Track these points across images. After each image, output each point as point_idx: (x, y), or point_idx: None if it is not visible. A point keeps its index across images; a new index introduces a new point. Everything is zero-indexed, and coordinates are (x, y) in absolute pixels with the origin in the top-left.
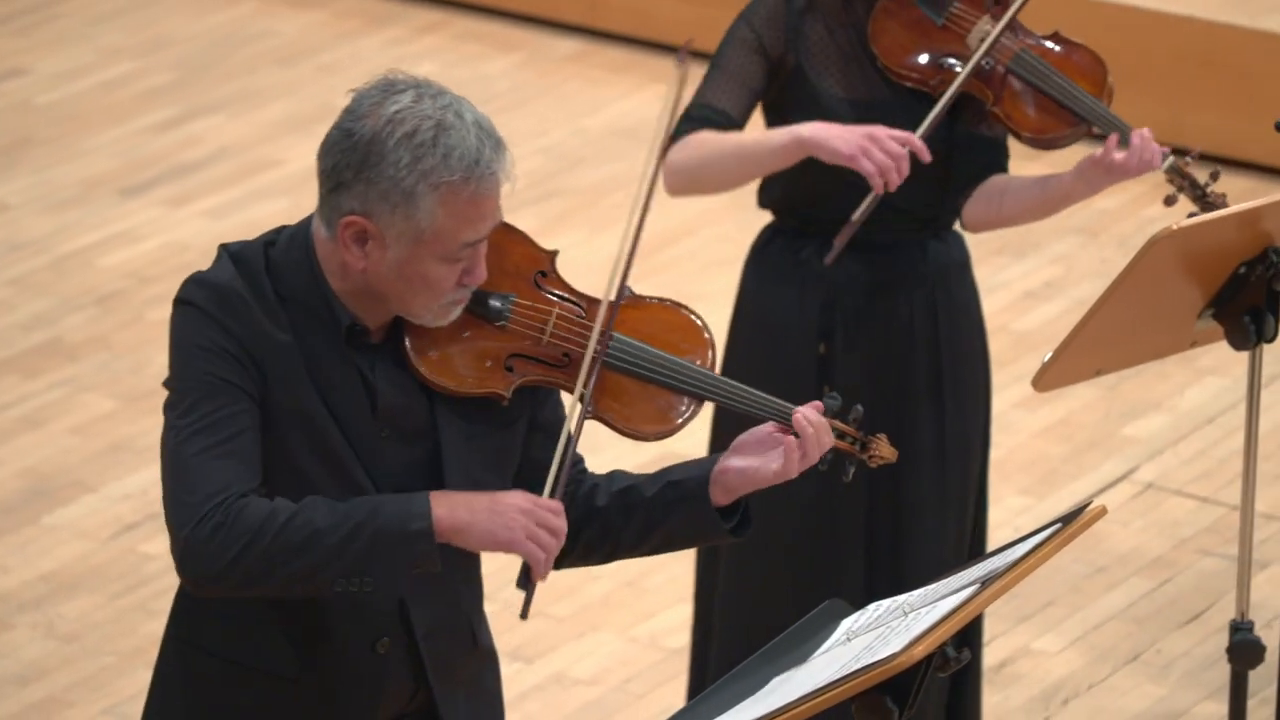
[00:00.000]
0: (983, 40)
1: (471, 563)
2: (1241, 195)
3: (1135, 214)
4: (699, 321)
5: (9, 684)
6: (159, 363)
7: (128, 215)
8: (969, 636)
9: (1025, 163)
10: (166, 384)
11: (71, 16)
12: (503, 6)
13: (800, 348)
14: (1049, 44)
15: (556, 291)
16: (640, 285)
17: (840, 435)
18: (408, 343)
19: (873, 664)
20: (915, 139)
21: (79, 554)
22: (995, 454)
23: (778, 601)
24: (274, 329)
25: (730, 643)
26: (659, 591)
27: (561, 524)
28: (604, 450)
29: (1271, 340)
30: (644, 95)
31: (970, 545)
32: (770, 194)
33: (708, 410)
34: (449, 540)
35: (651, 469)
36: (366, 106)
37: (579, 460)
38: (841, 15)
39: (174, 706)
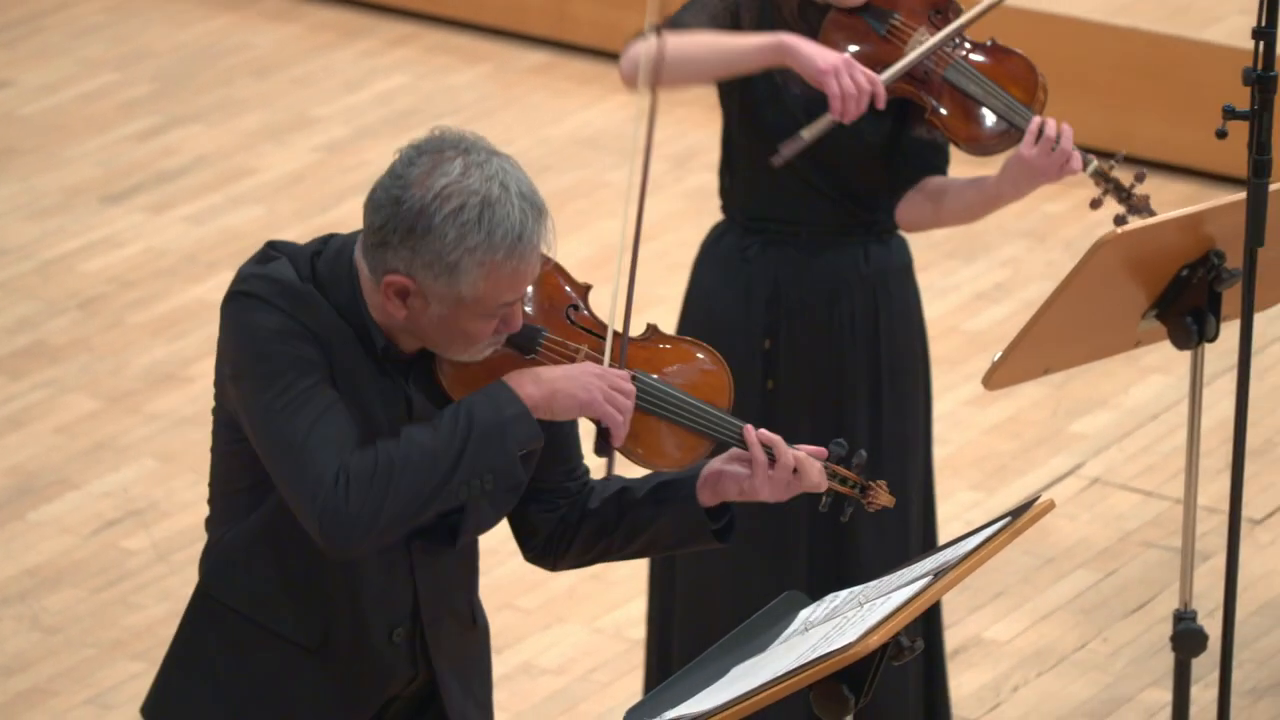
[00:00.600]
0: (918, 46)
1: (473, 547)
2: (1183, 200)
3: (1081, 219)
4: (719, 362)
5: None
6: (139, 364)
7: (109, 222)
8: (932, 624)
9: (965, 167)
10: (242, 374)
11: (54, 30)
12: (472, 20)
13: (745, 343)
14: (983, 53)
15: (587, 328)
16: (603, 287)
17: (842, 480)
18: (440, 368)
19: (829, 653)
20: (879, 81)
21: (62, 549)
22: (946, 450)
23: (727, 597)
24: (336, 324)
25: (686, 637)
26: (623, 584)
27: (631, 387)
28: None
29: (1213, 340)
30: (607, 105)
31: (923, 544)
32: (732, 195)
33: None
34: (541, 415)
35: None
36: (416, 175)
37: (584, 476)
38: (799, 25)
39: (197, 660)
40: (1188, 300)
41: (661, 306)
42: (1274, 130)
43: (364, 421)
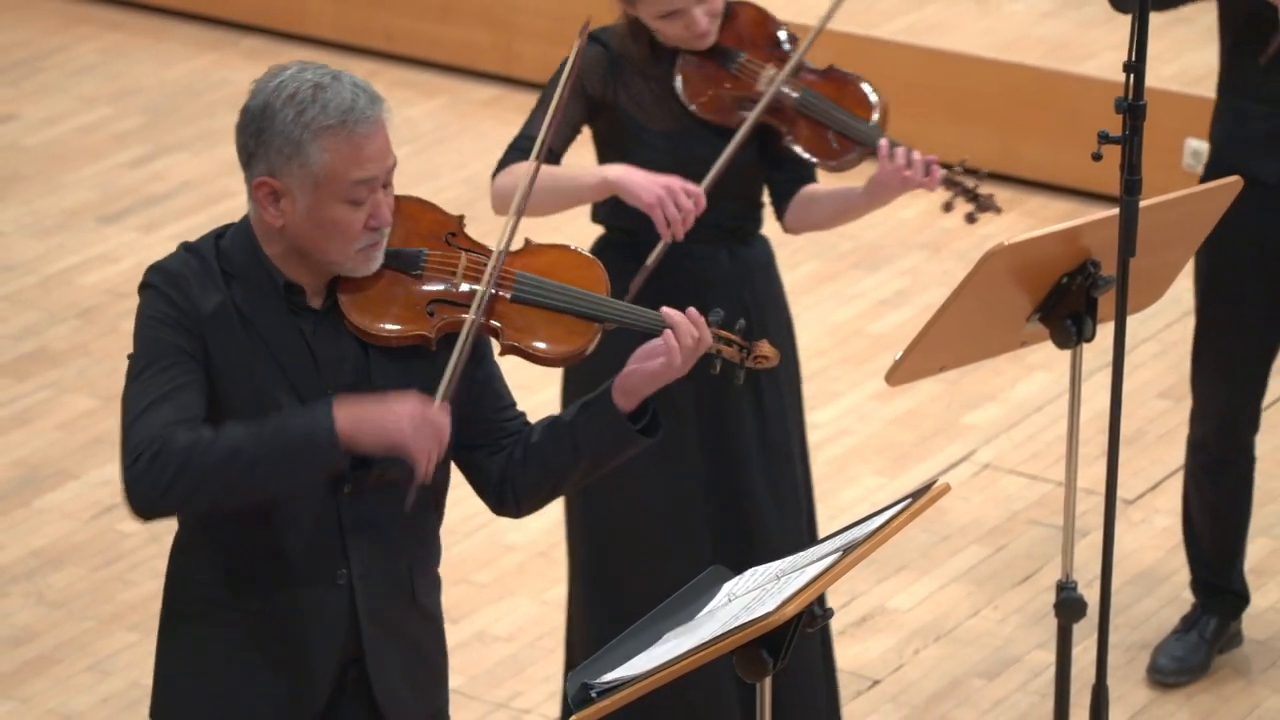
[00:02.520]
0: (770, 83)
1: (422, 520)
2: (1064, 216)
3: (973, 232)
4: (591, 257)
5: (4, 645)
6: None
7: (105, 240)
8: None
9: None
10: (128, 356)
11: (54, 69)
12: (429, 58)
13: (630, 346)
14: (825, 79)
15: (464, 246)
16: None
17: (727, 343)
18: (341, 298)
19: (750, 621)
20: (702, 195)
21: (64, 532)
22: (854, 440)
23: (635, 582)
24: (215, 299)
25: (598, 617)
26: (566, 561)
27: (444, 424)
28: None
29: (1090, 340)
30: None
31: (808, 504)
32: (602, 212)
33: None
34: (349, 439)
35: None
36: (258, 86)
37: (519, 414)
38: (651, 67)
39: (179, 656)
40: (1068, 305)
41: None
42: (1143, 153)
43: (260, 375)
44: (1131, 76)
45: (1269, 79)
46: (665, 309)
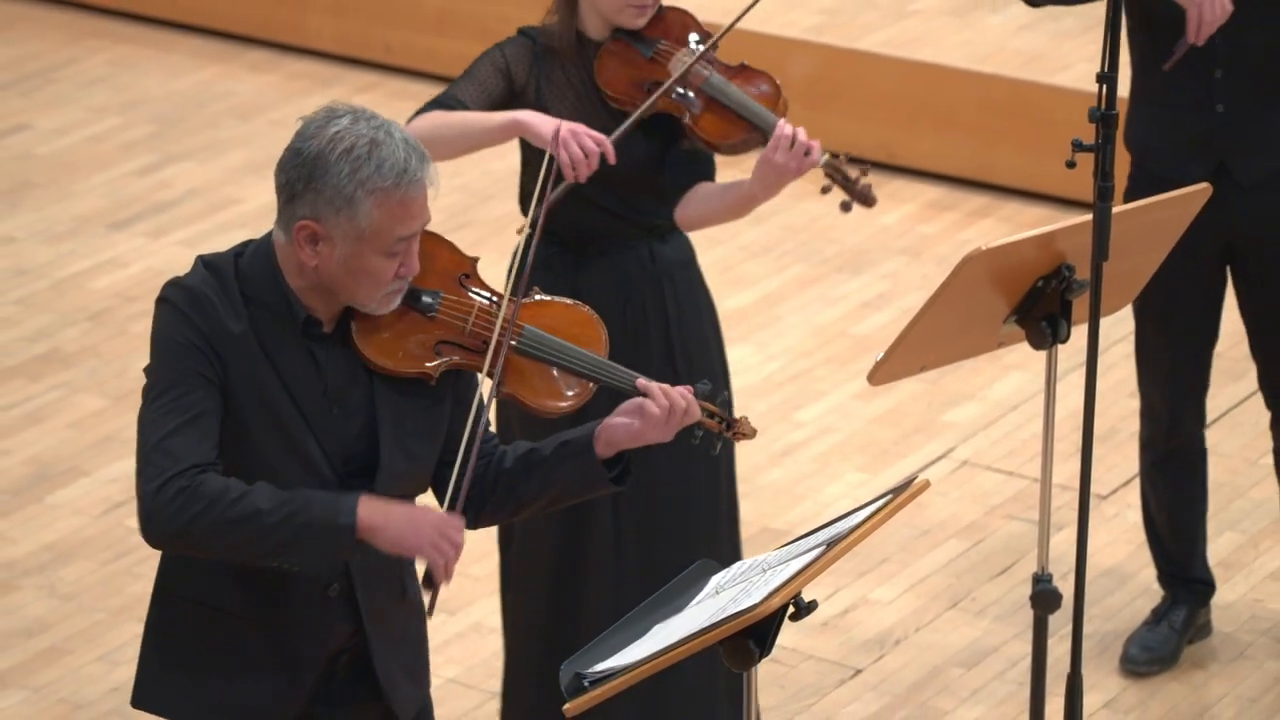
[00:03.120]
0: (679, 64)
1: None
2: (1039, 221)
3: (952, 237)
4: (595, 317)
5: (17, 636)
6: (141, 368)
7: (114, 245)
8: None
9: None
10: (146, 370)
11: (65, 81)
12: (425, 69)
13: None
14: (734, 71)
15: (477, 290)
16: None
17: (710, 415)
18: (354, 328)
19: (737, 612)
20: (608, 141)
21: (75, 528)
22: (836, 437)
23: (541, 589)
24: (236, 324)
25: (530, 623)
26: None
27: (461, 538)
28: None
29: (1065, 341)
30: None
31: (728, 527)
32: (525, 196)
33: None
34: (366, 538)
35: None
36: (312, 129)
37: (491, 436)
38: (575, 57)
39: (163, 645)
40: (1043, 307)
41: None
42: (1115, 161)
43: (273, 398)
44: (1104, 87)
45: (1181, 84)
46: (645, 382)
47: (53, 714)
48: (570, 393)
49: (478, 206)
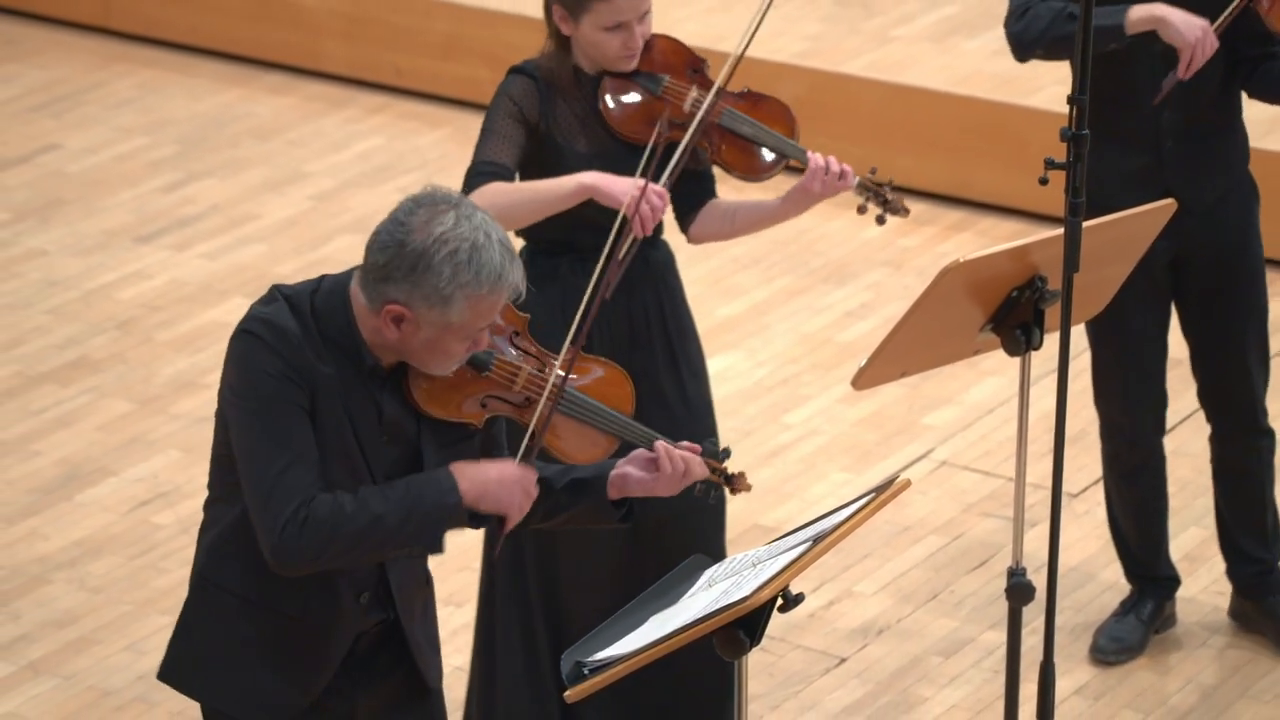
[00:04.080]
0: (697, 104)
1: None
2: (1013, 235)
3: (931, 250)
4: (627, 377)
5: (49, 627)
6: (166, 373)
7: (141, 258)
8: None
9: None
10: (238, 395)
11: (95, 103)
12: (435, 92)
13: (562, 340)
14: (746, 100)
15: (527, 350)
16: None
17: (714, 471)
18: (410, 381)
19: (729, 604)
20: (667, 194)
21: (103, 524)
22: (822, 439)
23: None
24: (319, 362)
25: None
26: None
27: (535, 489)
28: None
29: (1038, 348)
30: None
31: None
32: (534, 227)
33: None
34: (472, 505)
35: None
36: (416, 223)
37: (508, 458)
38: (575, 90)
39: (194, 628)
40: (1017, 316)
41: None
42: (1085, 178)
43: (339, 423)
44: (1075, 108)
45: (1130, 122)
46: (659, 444)
47: (82, 701)
48: (595, 447)
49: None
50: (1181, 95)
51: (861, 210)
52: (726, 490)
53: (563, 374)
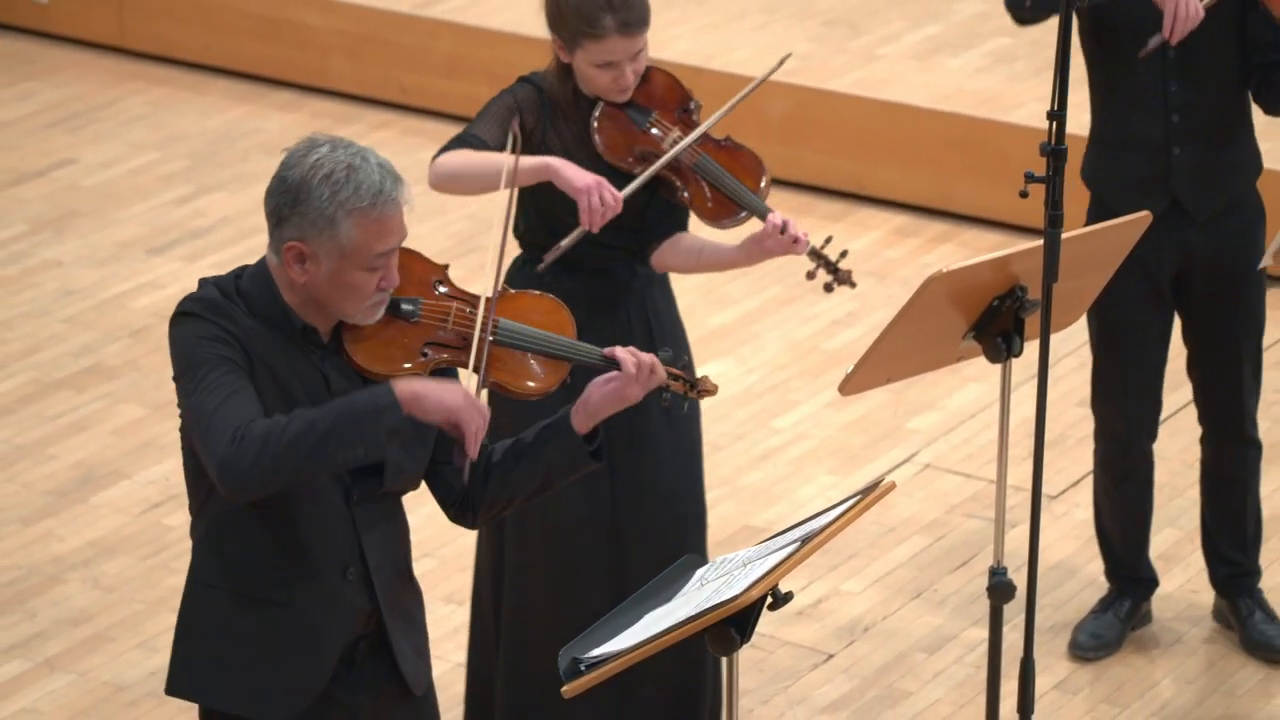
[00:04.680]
0: (674, 144)
1: (402, 512)
2: (995, 247)
3: (915, 260)
4: (561, 303)
5: (65, 624)
6: None
7: (153, 269)
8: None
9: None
10: (178, 376)
11: (109, 119)
12: (437, 109)
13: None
14: (722, 149)
15: (452, 293)
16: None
17: (675, 378)
18: (345, 337)
19: (720, 603)
20: (621, 199)
21: (117, 525)
22: (810, 443)
23: (544, 560)
24: (249, 329)
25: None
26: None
27: (487, 408)
28: None
29: (1018, 355)
30: None
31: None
32: (530, 237)
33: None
34: (410, 409)
35: None
36: (295, 159)
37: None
38: (572, 111)
39: (194, 634)
40: (998, 324)
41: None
42: (1064, 191)
43: (287, 396)
44: (1054, 124)
45: (1139, 127)
46: (612, 349)
47: (96, 696)
48: (546, 373)
49: (484, 233)
50: (1191, 103)
51: (810, 276)
52: (693, 395)
53: (491, 298)
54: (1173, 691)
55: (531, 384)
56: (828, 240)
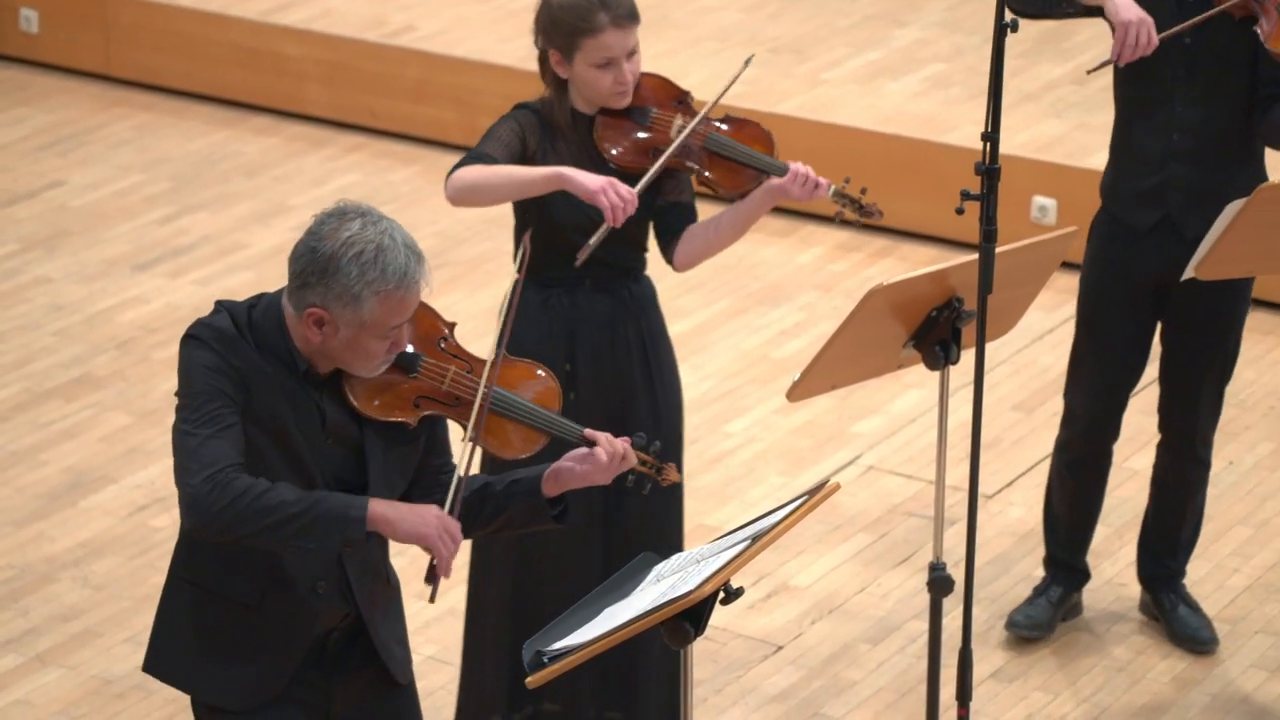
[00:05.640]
0: (680, 130)
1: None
2: (932, 261)
3: (858, 274)
4: (553, 379)
5: (56, 620)
6: (162, 390)
7: (139, 284)
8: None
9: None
10: (179, 394)
11: (96, 143)
12: (406, 132)
13: (551, 367)
14: (729, 124)
15: (453, 353)
16: (474, 327)
17: (642, 462)
18: (345, 383)
19: (675, 598)
20: (636, 194)
21: (105, 527)
22: (760, 446)
23: (536, 561)
24: (257, 359)
25: (502, 592)
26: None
27: (460, 534)
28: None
29: (955, 363)
30: None
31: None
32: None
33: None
34: (379, 528)
35: None
36: (327, 230)
37: (453, 468)
38: (570, 132)
39: (171, 623)
40: (936, 334)
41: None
42: (998, 208)
43: (281, 428)
44: (988, 145)
45: (1146, 143)
46: (593, 433)
47: (86, 689)
48: (527, 444)
49: (452, 250)
50: (1193, 124)
51: (837, 215)
52: (656, 480)
53: (491, 364)
54: (1102, 679)
55: (511, 452)
56: (846, 180)
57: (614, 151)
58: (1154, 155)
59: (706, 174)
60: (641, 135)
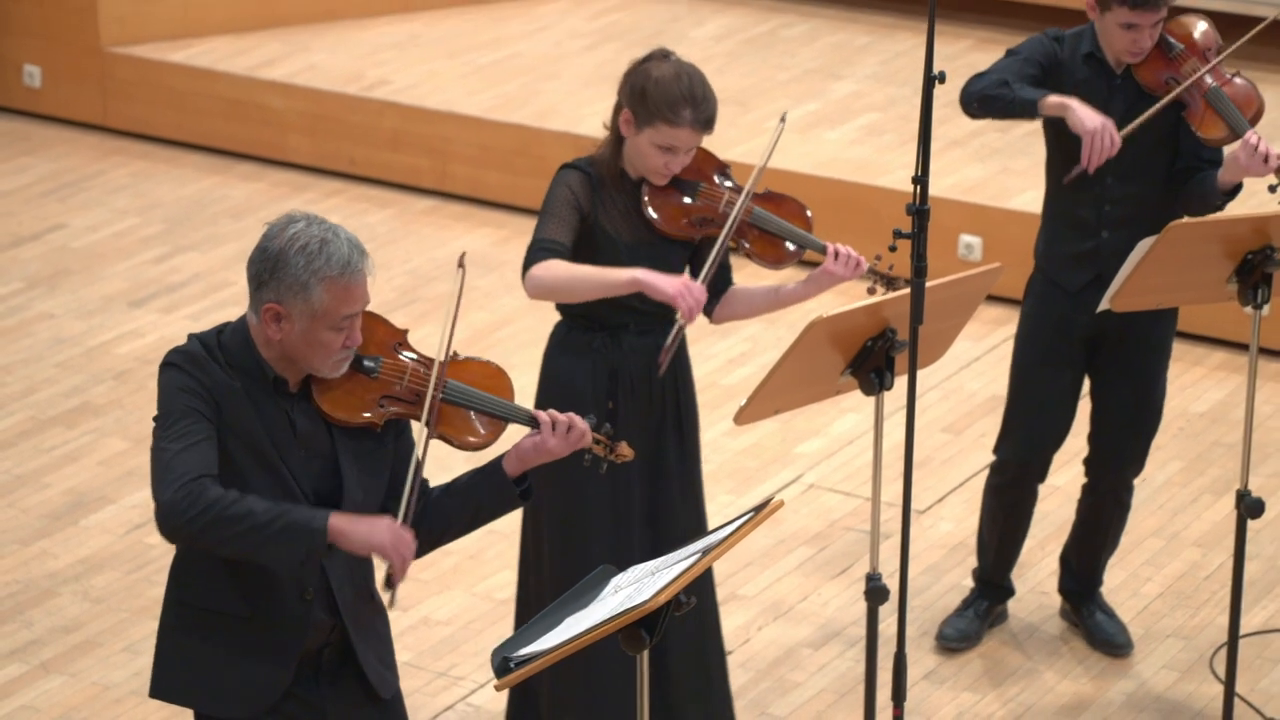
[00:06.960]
0: (730, 207)
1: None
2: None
3: (799, 308)
4: (502, 369)
5: (58, 632)
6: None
7: (134, 319)
8: (706, 593)
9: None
10: (156, 417)
11: (95, 189)
12: (382, 178)
13: (596, 405)
14: (770, 200)
15: (409, 354)
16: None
17: (596, 441)
18: (314, 388)
19: (631, 607)
20: (705, 290)
21: (104, 544)
22: (710, 466)
23: (584, 565)
24: (227, 377)
25: (552, 592)
26: (492, 562)
27: (414, 544)
28: (455, 469)
29: (889, 389)
30: (475, 236)
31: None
32: (572, 306)
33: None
34: (336, 540)
35: None
36: (275, 231)
37: (425, 484)
38: (618, 185)
39: (173, 644)
40: (872, 362)
41: (514, 371)
42: (928, 245)
43: (254, 439)
44: (918, 187)
45: (1080, 212)
46: (536, 411)
47: (86, 695)
48: (485, 431)
49: (423, 287)
50: (1123, 195)
51: (871, 291)
52: (611, 458)
53: (444, 362)
54: (1026, 681)
55: (472, 438)
56: (877, 258)
57: (660, 219)
58: (1088, 223)
59: (747, 245)
60: (689, 204)
